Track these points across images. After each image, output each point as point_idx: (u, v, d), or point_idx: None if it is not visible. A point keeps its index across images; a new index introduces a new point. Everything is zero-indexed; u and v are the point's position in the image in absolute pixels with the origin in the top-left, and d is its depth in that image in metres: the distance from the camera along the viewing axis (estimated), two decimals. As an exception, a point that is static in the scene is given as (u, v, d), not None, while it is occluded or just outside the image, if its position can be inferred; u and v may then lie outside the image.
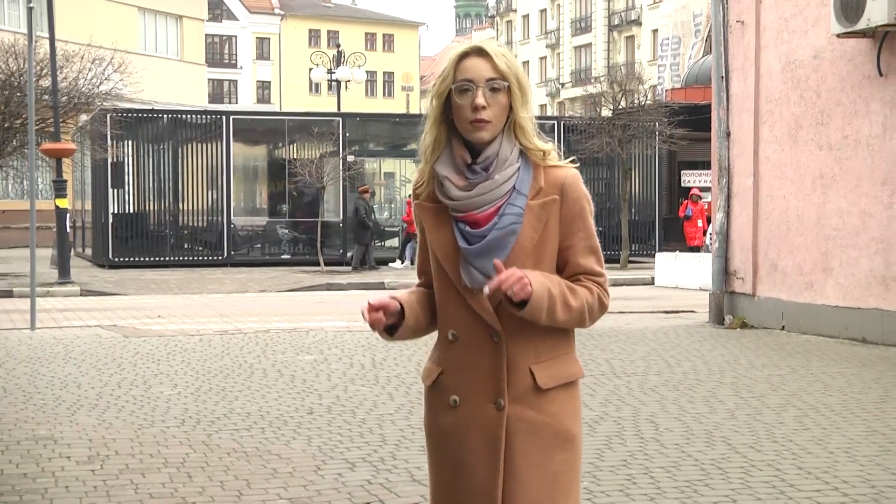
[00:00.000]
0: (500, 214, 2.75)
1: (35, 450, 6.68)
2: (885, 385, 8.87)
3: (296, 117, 30.32)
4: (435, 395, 2.86)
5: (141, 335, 12.71)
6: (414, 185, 2.90)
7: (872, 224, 11.39)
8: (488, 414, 2.76)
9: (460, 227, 2.77)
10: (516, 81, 2.76)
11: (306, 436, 7.08)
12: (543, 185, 2.78)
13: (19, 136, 20.84)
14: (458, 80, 2.75)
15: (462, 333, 2.79)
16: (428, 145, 2.81)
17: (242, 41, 76.45)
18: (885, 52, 11.17)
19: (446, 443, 2.83)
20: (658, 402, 8.15)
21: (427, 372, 2.91)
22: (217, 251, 26.08)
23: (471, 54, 2.77)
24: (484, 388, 2.77)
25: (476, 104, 2.71)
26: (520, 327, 2.75)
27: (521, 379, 2.76)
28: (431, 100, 2.80)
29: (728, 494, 5.66)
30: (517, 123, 2.77)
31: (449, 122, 2.79)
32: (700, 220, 25.73)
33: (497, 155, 2.76)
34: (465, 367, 2.79)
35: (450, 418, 2.82)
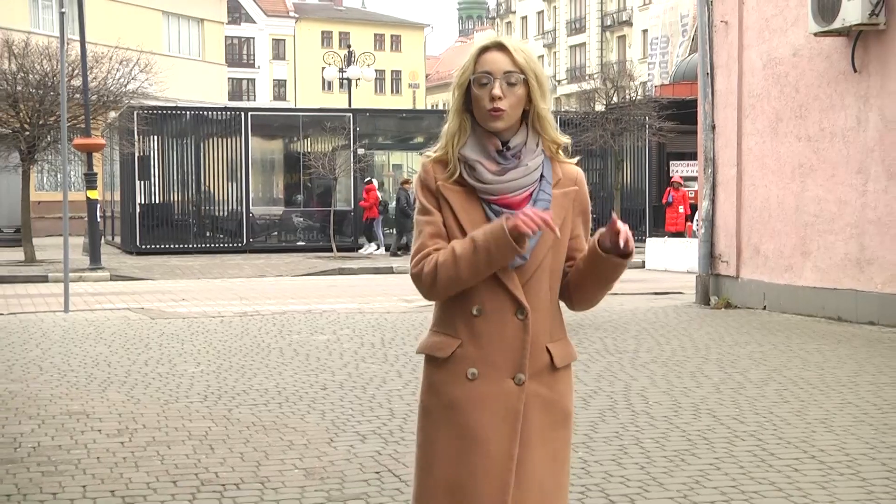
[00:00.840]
0: (534, 199, 2.73)
1: (69, 423, 6.70)
2: (858, 360, 8.87)
3: (309, 113, 30.28)
4: (448, 367, 2.74)
5: (166, 317, 12.73)
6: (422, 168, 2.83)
7: (847, 211, 11.37)
8: (507, 388, 2.70)
9: (493, 209, 2.73)
10: (534, 75, 2.74)
11: (320, 410, 7.09)
12: (561, 177, 2.80)
13: (53, 133, 20.84)
14: (478, 72, 2.74)
15: (488, 309, 2.71)
16: (453, 133, 2.78)
17: (259, 42, 76.30)
18: (859, 50, 11.13)
19: (456, 413, 2.72)
20: (648, 378, 8.15)
21: (439, 344, 2.77)
22: (237, 239, 26.08)
23: (491, 48, 2.76)
24: (505, 363, 2.71)
25: (493, 95, 2.70)
26: (541, 305, 2.73)
27: (540, 357, 2.74)
28: (453, 90, 2.78)
29: (713, 463, 5.66)
30: (538, 114, 2.76)
31: (470, 112, 2.78)
32: (682, 206, 25.14)
33: (525, 144, 2.76)
34: (487, 342, 2.71)
35: (463, 391, 2.71)
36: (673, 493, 5.10)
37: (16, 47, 21.86)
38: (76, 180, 27.32)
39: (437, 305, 2.82)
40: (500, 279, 2.70)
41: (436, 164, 2.80)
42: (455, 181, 2.75)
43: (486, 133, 2.75)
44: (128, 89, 23.08)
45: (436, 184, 2.76)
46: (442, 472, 2.73)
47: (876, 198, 11.02)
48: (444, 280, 2.69)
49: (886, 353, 9.21)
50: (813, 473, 5.44)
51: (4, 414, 6.99)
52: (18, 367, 8.85)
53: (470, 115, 2.77)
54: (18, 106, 20.98)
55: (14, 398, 7.52)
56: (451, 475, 2.71)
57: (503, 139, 2.75)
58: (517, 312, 2.71)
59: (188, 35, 41.77)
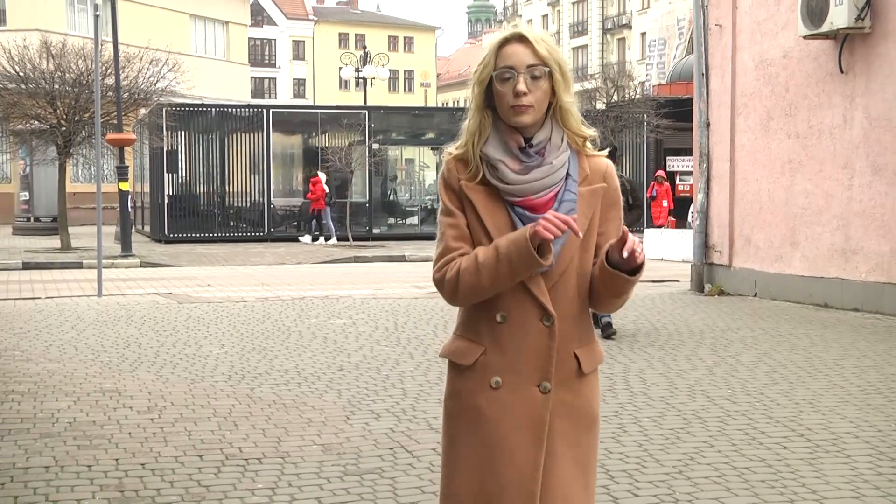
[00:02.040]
0: (560, 200, 2.44)
1: (102, 401, 6.72)
2: (843, 344, 8.84)
3: (327, 110, 30.23)
4: (472, 374, 2.48)
5: (193, 301, 12.74)
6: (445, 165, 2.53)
7: (834, 203, 11.33)
8: (533, 396, 2.43)
9: (517, 211, 2.43)
10: (558, 67, 2.43)
11: (337, 389, 7.09)
12: (589, 173, 2.50)
13: (87, 128, 20.86)
14: (499, 67, 2.43)
15: (512, 315, 2.44)
16: (473, 131, 2.47)
17: (280, 43, 76.24)
18: (846, 52, 11.07)
19: (480, 423, 2.45)
20: (646, 360, 8.14)
21: (462, 350, 2.51)
22: (259, 228, 26.08)
23: (511, 41, 2.46)
24: (531, 370, 2.44)
25: (517, 90, 2.40)
26: (568, 311, 2.46)
27: (567, 363, 2.47)
28: (473, 87, 2.47)
29: (707, 440, 5.65)
30: (562, 108, 2.46)
31: (492, 108, 2.47)
32: (665, 199, 24.48)
33: (549, 141, 2.45)
34: (512, 350, 2.44)
35: (487, 399, 2.45)
36: (669, 469, 5.10)
37: (53, 48, 21.88)
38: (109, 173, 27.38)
39: (461, 308, 2.57)
40: (526, 284, 2.44)
41: (458, 162, 2.50)
42: (479, 181, 2.46)
43: (508, 129, 2.45)
44: (157, 87, 23.09)
45: (458, 183, 2.48)
46: (466, 481, 2.49)
47: (861, 192, 10.97)
48: (466, 288, 2.44)
49: (870, 338, 9.18)
50: (801, 451, 5.43)
51: (43, 391, 7.01)
52: (55, 348, 8.88)
53: (491, 112, 2.47)
54: (55, 103, 21.00)
55: (51, 377, 7.54)
56: (475, 485, 2.47)
57: (526, 136, 2.45)
58: (543, 319, 2.44)
59: (214, 37, 41.73)
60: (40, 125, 21.74)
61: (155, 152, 25.50)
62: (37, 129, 22.15)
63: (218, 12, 41.00)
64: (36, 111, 21.24)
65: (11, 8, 33.88)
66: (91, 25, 20.73)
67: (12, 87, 21.67)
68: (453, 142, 2.53)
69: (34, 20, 32.56)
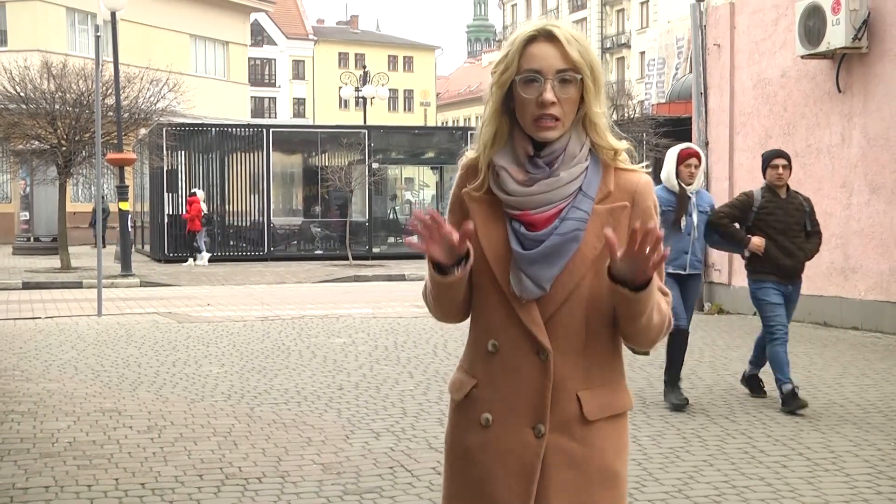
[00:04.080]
0: (562, 218, 2.11)
1: (102, 420, 6.72)
2: (843, 363, 8.85)
3: (327, 130, 30.29)
4: (463, 410, 2.22)
5: (193, 321, 12.75)
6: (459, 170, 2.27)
7: (832, 222, 11.36)
8: (524, 440, 2.13)
9: (514, 226, 2.13)
10: (590, 72, 2.11)
11: (337, 409, 7.10)
12: (613, 189, 2.15)
13: (88, 148, 20.89)
14: (524, 70, 2.09)
15: (504, 346, 2.15)
16: (488, 138, 2.17)
17: (280, 63, 76.48)
18: (843, 72, 11.13)
19: (469, 465, 2.20)
20: (645, 379, 8.14)
21: (457, 384, 2.26)
22: (258, 247, 26.09)
23: (538, 38, 2.11)
24: (523, 410, 2.13)
25: (544, 100, 2.07)
26: (570, 346, 2.12)
27: (567, 405, 2.13)
28: (491, 88, 2.15)
29: (706, 459, 5.65)
30: (589, 119, 2.13)
31: (511, 113, 2.15)
32: None
33: (564, 150, 2.13)
34: (503, 385, 2.15)
35: (478, 438, 2.18)
36: (668, 488, 5.10)
37: (54, 68, 21.96)
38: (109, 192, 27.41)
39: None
40: (517, 312, 2.13)
41: (470, 169, 2.23)
42: (486, 191, 2.19)
43: (521, 135, 2.15)
44: (157, 107, 23.15)
45: (462, 192, 2.22)
46: None
47: (859, 210, 11.00)
48: (429, 303, 2.26)
49: (869, 357, 9.19)
50: (800, 469, 5.44)
51: (43, 411, 7.02)
52: (55, 368, 8.89)
53: (509, 118, 2.16)
54: (56, 123, 21.05)
55: (51, 396, 7.55)
56: None
57: (538, 143, 2.14)
58: (538, 352, 2.12)
59: (214, 57, 41.86)
60: (41, 145, 21.78)
61: (155, 172, 25.54)
62: (37, 149, 22.19)
63: (218, 32, 41.15)
64: (36, 131, 21.29)
65: (13, 28, 34.02)
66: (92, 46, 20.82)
67: (13, 107, 21.73)
68: (473, 144, 2.26)
69: (35, 41, 32.68)
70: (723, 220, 7.26)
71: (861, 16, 10.72)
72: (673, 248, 6.90)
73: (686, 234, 7.18)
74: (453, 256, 2.09)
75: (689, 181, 7.28)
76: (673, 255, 6.95)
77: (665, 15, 51.58)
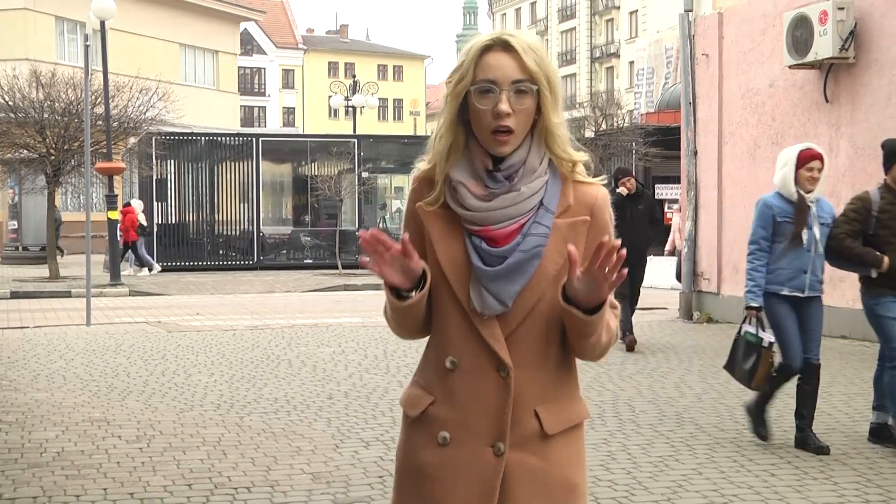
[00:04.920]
0: (525, 234, 2.07)
1: (91, 430, 6.71)
2: (831, 372, 8.87)
3: (317, 139, 30.35)
4: (419, 427, 2.16)
5: (182, 330, 12.73)
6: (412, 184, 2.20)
7: (821, 231, 11.39)
8: (484, 458, 2.08)
9: (474, 241, 2.08)
10: (546, 82, 2.07)
11: (326, 418, 7.09)
12: (572, 203, 2.12)
13: (77, 157, 20.86)
14: (479, 80, 2.05)
15: (464, 362, 2.10)
16: (443, 151, 2.11)
17: (270, 72, 76.48)
18: (831, 82, 11.19)
19: (424, 484, 2.13)
20: (635, 388, 8.16)
21: (412, 399, 2.19)
22: (248, 256, 26.06)
23: (494, 48, 2.07)
24: (483, 428, 2.09)
25: (500, 111, 2.03)
26: (530, 362, 2.09)
27: (527, 422, 2.10)
28: (446, 99, 2.11)
29: (695, 468, 5.67)
30: (548, 130, 2.09)
31: (466, 124, 2.10)
32: None
33: (524, 163, 2.08)
34: (462, 402, 2.10)
35: (434, 457, 2.12)
36: (658, 497, 5.11)
37: (43, 77, 21.93)
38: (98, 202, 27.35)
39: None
40: (477, 328, 2.08)
41: (423, 182, 2.17)
42: (441, 205, 2.13)
43: (478, 148, 2.10)
44: (147, 116, 23.13)
45: (417, 206, 2.16)
46: None
47: (847, 219, 11.04)
48: (389, 322, 2.20)
49: (857, 366, 9.22)
50: (788, 478, 5.45)
51: (31, 421, 7.00)
52: (43, 377, 8.86)
53: (465, 129, 2.11)
54: (45, 132, 21.01)
55: (40, 406, 7.52)
56: None
57: (497, 157, 2.09)
58: (499, 369, 2.08)
59: (203, 66, 41.85)
60: (29, 154, 21.74)
61: (144, 181, 25.51)
62: (26, 158, 22.15)
63: (208, 42, 41.15)
64: (25, 140, 21.25)
65: (1, 37, 33.95)
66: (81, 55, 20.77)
67: (2, 116, 21.69)
68: (424, 154, 2.19)
69: (24, 49, 32.63)
70: (845, 243, 6.09)
71: (848, 26, 10.78)
72: (789, 266, 6.08)
73: (805, 251, 6.08)
74: (410, 278, 2.06)
75: (809, 188, 6.08)
76: (789, 273, 6.08)
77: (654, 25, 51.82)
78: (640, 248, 10.29)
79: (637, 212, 10.23)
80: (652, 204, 10.58)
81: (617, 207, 10.25)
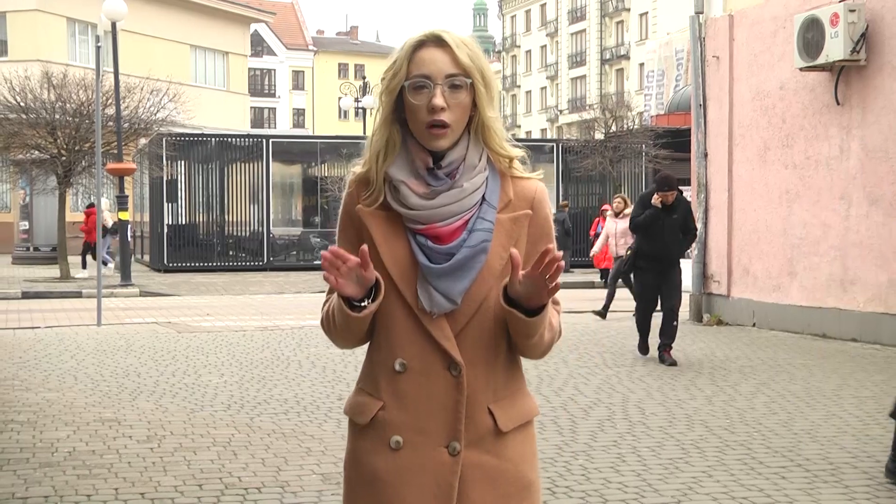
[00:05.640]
0: (470, 230, 2.06)
1: (102, 430, 6.73)
2: (842, 375, 8.86)
3: (327, 140, 30.39)
4: (369, 433, 2.10)
5: (192, 331, 12.75)
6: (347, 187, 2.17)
7: (831, 234, 11.38)
8: (439, 459, 2.05)
9: (419, 240, 2.06)
10: (480, 77, 2.05)
11: (336, 419, 7.10)
12: (512, 198, 2.11)
13: (87, 158, 20.93)
14: (413, 75, 2.04)
15: (413, 364, 2.06)
16: (379, 149, 2.09)
17: (280, 74, 76.65)
18: (842, 84, 11.17)
19: (378, 490, 2.08)
20: (644, 390, 8.15)
21: (358, 406, 2.14)
22: (258, 257, 26.13)
23: (427, 43, 2.06)
24: (436, 429, 2.05)
25: (434, 105, 2.01)
26: (480, 359, 2.07)
27: (480, 420, 2.07)
28: (381, 96, 2.08)
29: (705, 470, 5.66)
30: (484, 124, 2.08)
31: (402, 122, 2.08)
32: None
33: (464, 160, 2.07)
34: (414, 404, 2.06)
35: (386, 463, 2.07)
36: (667, 499, 5.11)
37: (54, 78, 22.01)
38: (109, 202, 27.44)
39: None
40: (426, 328, 2.05)
41: (360, 184, 2.13)
42: (380, 205, 2.10)
43: (416, 146, 2.07)
44: (157, 117, 23.20)
45: (355, 208, 2.12)
46: None
47: (858, 222, 11.03)
48: (330, 333, 2.18)
49: (868, 368, 9.20)
50: (799, 481, 5.44)
51: (42, 421, 7.02)
52: (55, 378, 8.89)
53: (401, 126, 2.09)
54: (56, 133, 21.09)
55: (51, 406, 7.55)
56: None
57: (437, 154, 2.07)
58: (450, 368, 2.05)
59: (214, 67, 41.95)
60: (40, 155, 21.82)
61: (155, 182, 25.59)
62: (37, 158, 22.23)
63: (218, 43, 41.25)
64: (36, 141, 21.33)
65: (13, 39, 34.10)
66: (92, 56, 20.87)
67: (13, 117, 21.78)
68: (360, 158, 2.16)
69: (36, 51, 32.75)
70: None
71: (859, 28, 10.76)
72: None
73: None
74: (363, 288, 2.02)
75: None
76: None
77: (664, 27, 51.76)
78: (672, 258, 9.71)
79: (671, 221, 9.62)
80: (687, 213, 9.97)
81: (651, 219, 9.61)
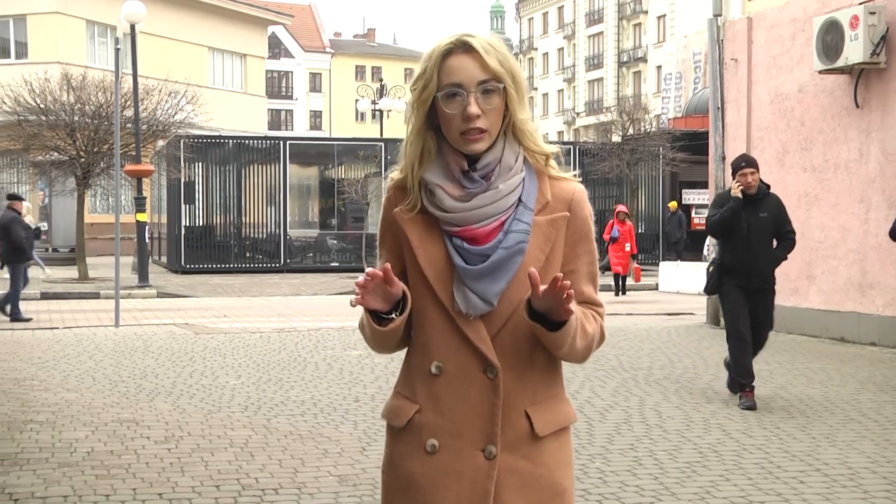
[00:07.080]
0: (506, 231, 2.05)
1: (120, 430, 6.76)
2: (860, 379, 8.81)
3: (344, 142, 30.43)
4: (406, 437, 2.10)
5: (209, 332, 12.80)
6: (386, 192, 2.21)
7: (850, 237, 11.32)
8: (475, 463, 2.03)
9: (455, 242, 2.06)
10: (511, 80, 2.04)
11: (353, 421, 7.11)
12: (550, 199, 2.10)
13: (106, 159, 21.06)
14: (445, 84, 2.03)
15: (449, 366, 2.05)
16: (415, 157, 2.09)
17: (298, 76, 76.81)
18: (861, 87, 11.11)
19: (415, 494, 2.07)
20: (661, 393, 8.13)
21: (395, 410, 2.14)
22: (275, 259, 26.20)
23: (456, 51, 2.05)
24: (473, 432, 2.04)
25: (469, 113, 2.00)
26: (517, 362, 2.06)
27: (517, 423, 2.05)
28: (412, 106, 2.08)
29: (723, 474, 5.64)
30: (517, 126, 2.07)
31: (436, 129, 2.08)
32: (628, 242, 19.44)
33: (500, 162, 2.06)
34: (450, 407, 2.05)
35: (423, 466, 2.06)
36: (685, 503, 5.09)
37: (74, 81, 22.15)
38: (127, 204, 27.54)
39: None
40: (462, 330, 2.04)
41: (398, 190, 2.15)
42: (419, 211, 2.11)
43: (451, 150, 2.07)
44: (175, 119, 23.32)
45: (393, 213, 2.15)
46: None
47: (877, 226, 10.97)
48: (366, 341, 2.16)
49: (887, 373, 9.15)
50: (817, 486, 5.42)
51: (61, 421, 7.06)
52: (73, 378, 8.94)
53: (435, 134, 2.08)
54: (75, 135, 21.23)
55: (70, 406, 7.59)
56: None
57: (472, 157, 2.07)
58: (486, 370, 2.04)
59: (231, 69, 42.11)
60: (60, 156, 21.96)
61: (172, 183, 25.70)
62: (56, 160, 22.37)
63: (236, 45, 41.40)
64: (56, 143, 21.47)
65: (33, 41, 34.31)
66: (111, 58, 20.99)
67: (33, 118, 21.93)
68: (397, 164, 2.17)
69: (55, 53, 32.95)
70: None
71: (879, 31, 10.71)
72: None
73: None
74: (390, 301, 2.03)
75: None
76: None
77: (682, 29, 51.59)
78: (762, 272, 7.67)
79: (759, 221, 7.63)
80: (779, 211, 7.86)
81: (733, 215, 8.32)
